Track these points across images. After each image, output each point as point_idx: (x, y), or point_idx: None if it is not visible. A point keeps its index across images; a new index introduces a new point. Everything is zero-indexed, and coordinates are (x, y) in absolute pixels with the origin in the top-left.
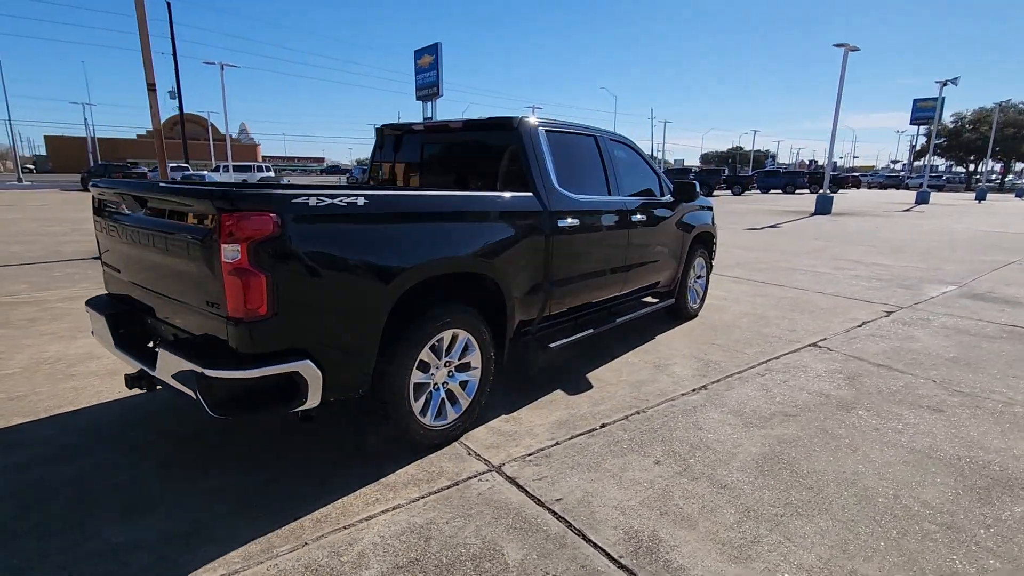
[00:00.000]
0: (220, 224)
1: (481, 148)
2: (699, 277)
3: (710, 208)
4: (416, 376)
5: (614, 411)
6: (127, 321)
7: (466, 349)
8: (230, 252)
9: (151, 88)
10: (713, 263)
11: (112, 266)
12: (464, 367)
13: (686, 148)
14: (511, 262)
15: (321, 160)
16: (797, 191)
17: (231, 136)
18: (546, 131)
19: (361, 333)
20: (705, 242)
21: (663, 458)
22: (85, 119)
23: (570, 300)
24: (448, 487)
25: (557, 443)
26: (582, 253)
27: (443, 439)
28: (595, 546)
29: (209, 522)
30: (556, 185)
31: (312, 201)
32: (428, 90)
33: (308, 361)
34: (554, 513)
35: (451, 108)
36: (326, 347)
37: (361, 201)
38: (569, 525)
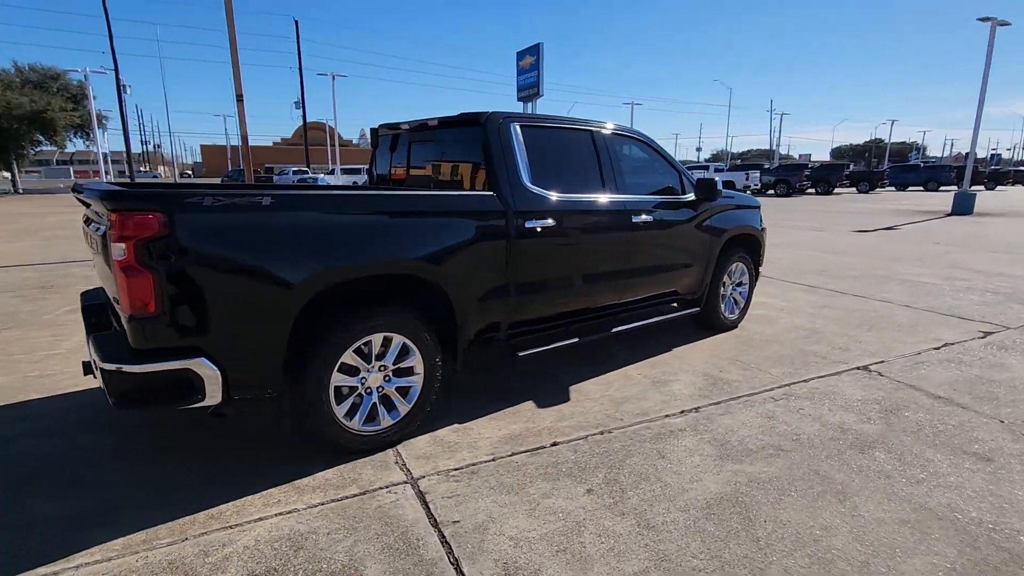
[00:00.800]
0: (110, 223)
1: (455, 145)
2: (739, 284)
3: (754, 207)
4: (338, 379)
5: (576, 429)
6: (98, 313)
7: (405, 353)
8: (118, 250)
9: (239, 99)
10: (760, 269)
11: (94, 263)
12: (405, 372)
13: (814, 142)
14: (461, 265)
15: None
16: (941, 188)
17: (350, 141)
18: (521, 126)
19: (264, 335)
20: (747, 245)
21: (599, 487)
22: (225, 129)
23: (549, 307)
24: (353, 496)
25: (493, 459)
26: (562, 256)
27: (375, 445)
28: None
29: (120, 508)
30: (528, 183)
31: (207, 201)
32: (529, 91)
33: (203, 359)
34: (442, 536)
35: (554, 108)
36: (224, 347)
37: (266, 201)
38: (450, 551)
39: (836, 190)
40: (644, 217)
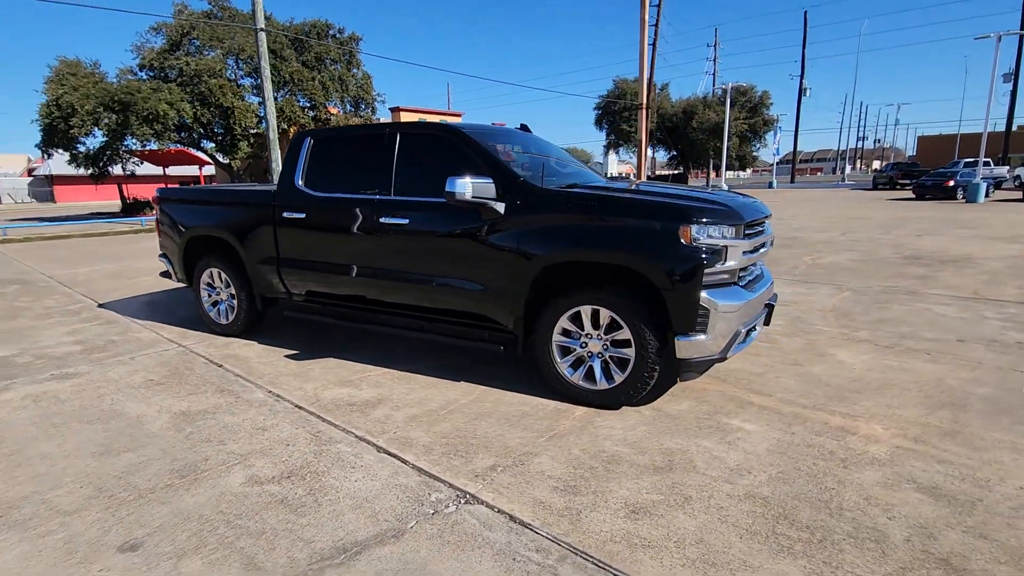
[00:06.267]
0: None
1: None
2: (617, 343)
3: (655, 219)
4: (203, 289)
5: (243, 366)
6: None
7: (228, 285)
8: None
9: (641, 107)
10: (700, 336)
11: None
12: (231, 296)
13: None
14: (246, 238)
15: None
16: None
17: None
18: (315, 139)
19: (176, 256)
20: (625, 285)
21: (163, 383)
22: (961, 117)
23: (313, 284)
24: (177, 346)
25: (202, 357)
26: (314, 244)
27: (224, 331)
28: None
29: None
30: (298, 184)
31: (166, 193)
32: None
33: (166, 259)
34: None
35: None
36: (170, 257)
37: (176, 195)
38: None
39: None
40: (394, 220)
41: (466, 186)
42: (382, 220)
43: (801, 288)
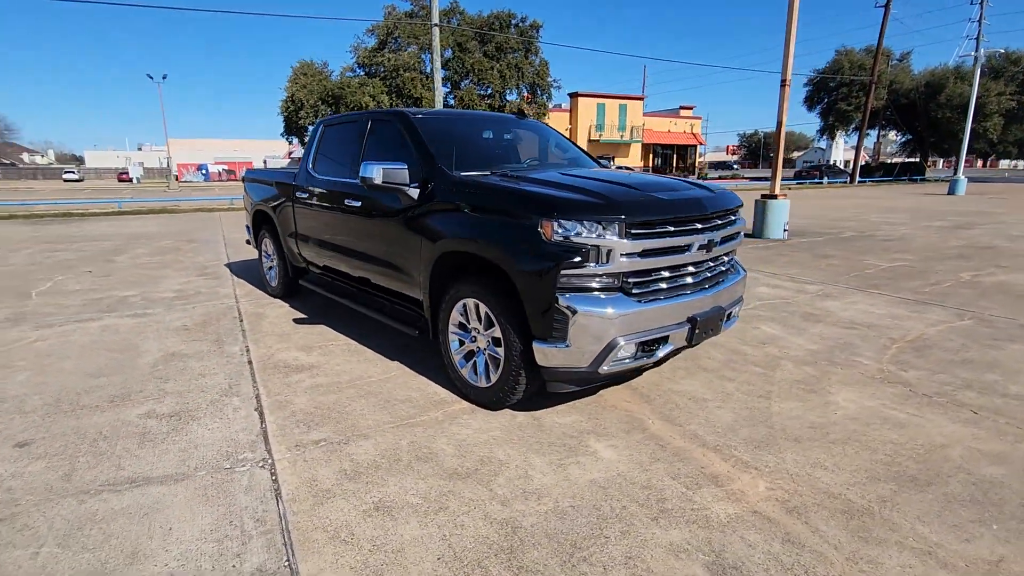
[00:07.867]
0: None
1: None
2: (494, 341)
3: (516, 211)
4: (263, 258)
5: (259, 323)
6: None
7: (273, 253)
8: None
9: (783, 83)
10: (558, 344)
11: None
12: (275, 263)
13: None
14: (278, 212)
15: None
16: None
17: None
18: (325, 125)
19: (251, 220)
20: (495, 280)
21: (193, 328)
22: None
23: (318, 258)
24: (217, 301)
25: (244, 304)
26: (314, 222)
27: (275, 294)
28: None
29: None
30: (309, 167)
31: (247, 174)
32: None
33: (246, 227)
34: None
35: None
36: (249, 222)
37: (252, 175)
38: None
39: None
40: (354, 202)
41: (376, 171)
42: (346, 202)
43: (906, 309)
